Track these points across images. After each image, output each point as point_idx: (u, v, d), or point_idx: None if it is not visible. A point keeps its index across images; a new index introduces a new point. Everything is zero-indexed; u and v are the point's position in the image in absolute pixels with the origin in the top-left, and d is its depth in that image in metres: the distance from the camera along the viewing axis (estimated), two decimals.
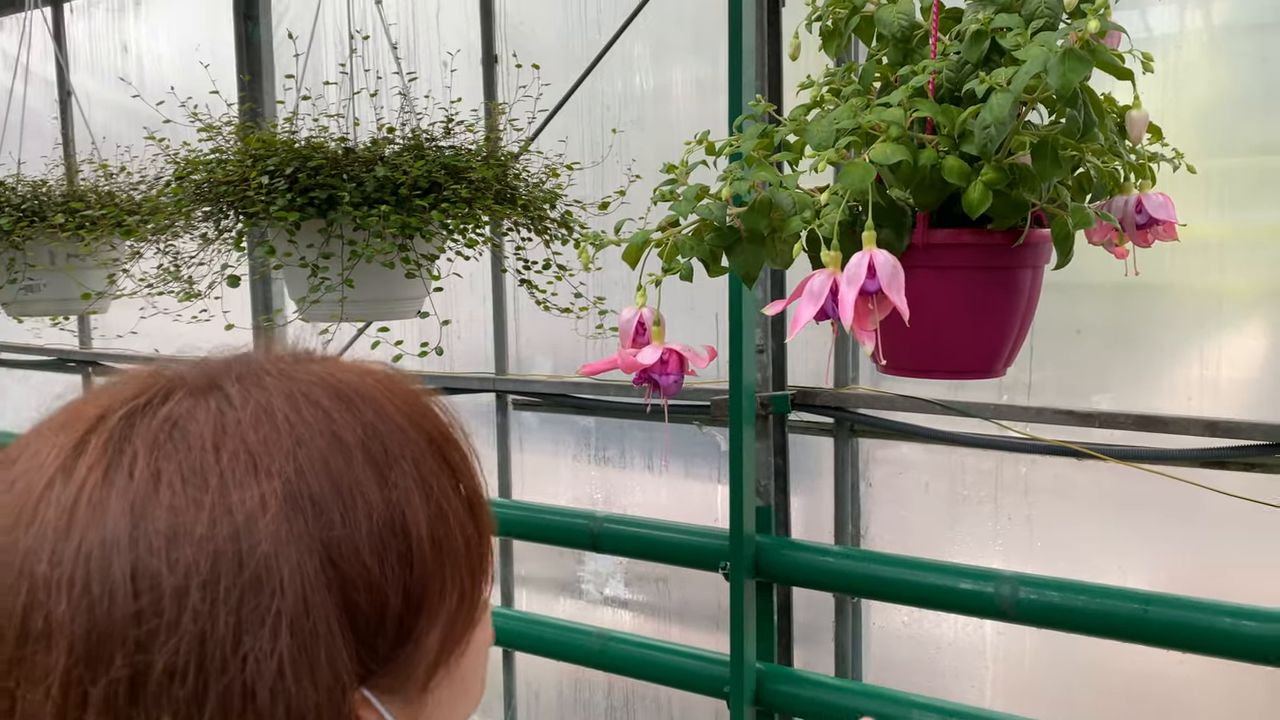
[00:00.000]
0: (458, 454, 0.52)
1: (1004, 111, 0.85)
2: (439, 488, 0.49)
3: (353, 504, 0.46)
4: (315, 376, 0.50)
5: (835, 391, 2.16)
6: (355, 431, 0.47)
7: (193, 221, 1.37)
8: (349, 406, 0.49)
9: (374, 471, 0.47)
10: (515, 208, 1.43)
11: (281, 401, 0.47)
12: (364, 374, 0.51)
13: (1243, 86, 1.82)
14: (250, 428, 0.45)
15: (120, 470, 0.43)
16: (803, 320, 0.91)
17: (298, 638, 0.42)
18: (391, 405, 0.50)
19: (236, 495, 0.43)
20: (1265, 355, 1.85)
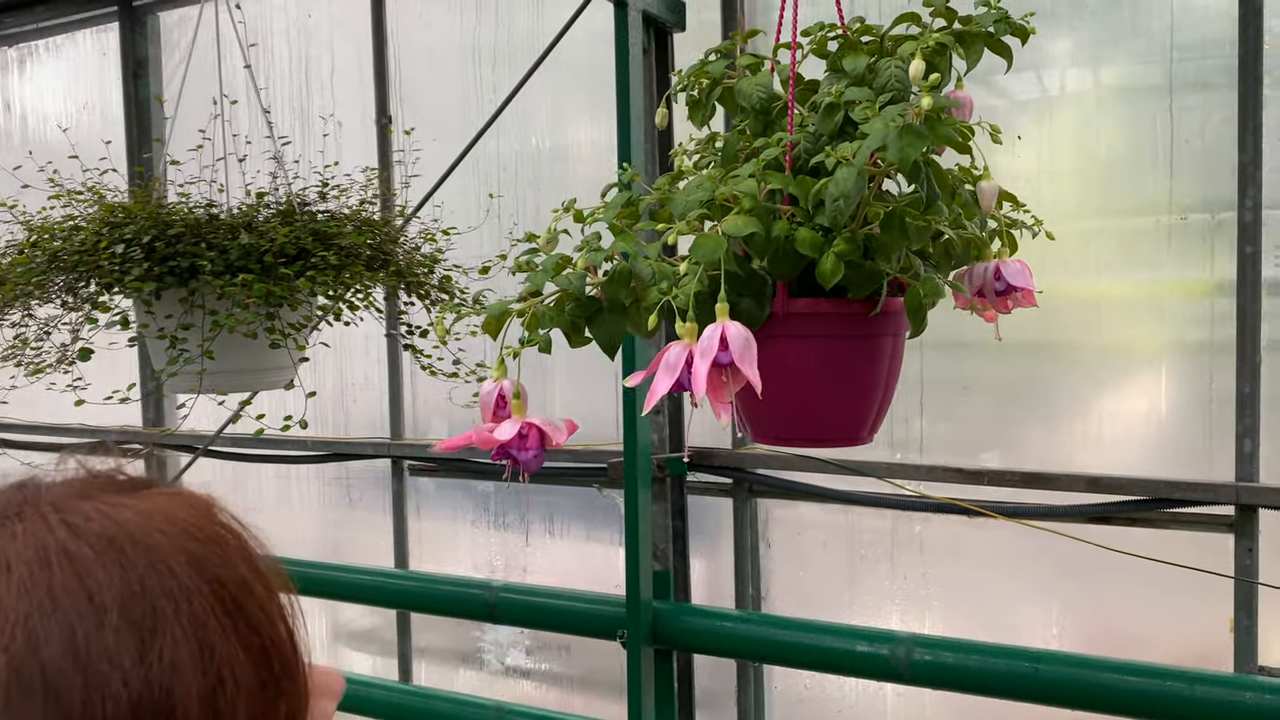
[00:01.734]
0: (261, 605, 0.45)
1: (849, 185, 0.86)
2: (224, 652, 0.42)
3: (99, 683, 0.39)
4: (87, 516, 0.43)
5: (733, 452, 2.15)
6: (114, 590, 0.41)
7: (48, 291, 1.31)
8: (117, 558, 0.42)
9: (133, 639, 0.40)
10: (389, 274, 1.40)
11: (30, 555, 0.41)
12: (155, 513, 0.45)
13: (1126, 147, 1.88)
14: None
15: None
16: (658, 393, 0.89)
17: None
18: (177, 552, 0.43)
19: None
20: (1145, 412, 1.89)
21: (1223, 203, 1.78)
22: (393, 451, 2.53)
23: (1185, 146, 1.81)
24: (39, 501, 0.44)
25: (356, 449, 2.57)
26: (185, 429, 2.83)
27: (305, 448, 2.61)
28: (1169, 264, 1.84)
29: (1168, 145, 1.82)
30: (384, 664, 2.68)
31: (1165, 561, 1.77)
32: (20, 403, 2.59)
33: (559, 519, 2.47)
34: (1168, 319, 1.85)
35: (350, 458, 2.59)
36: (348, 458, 2.59)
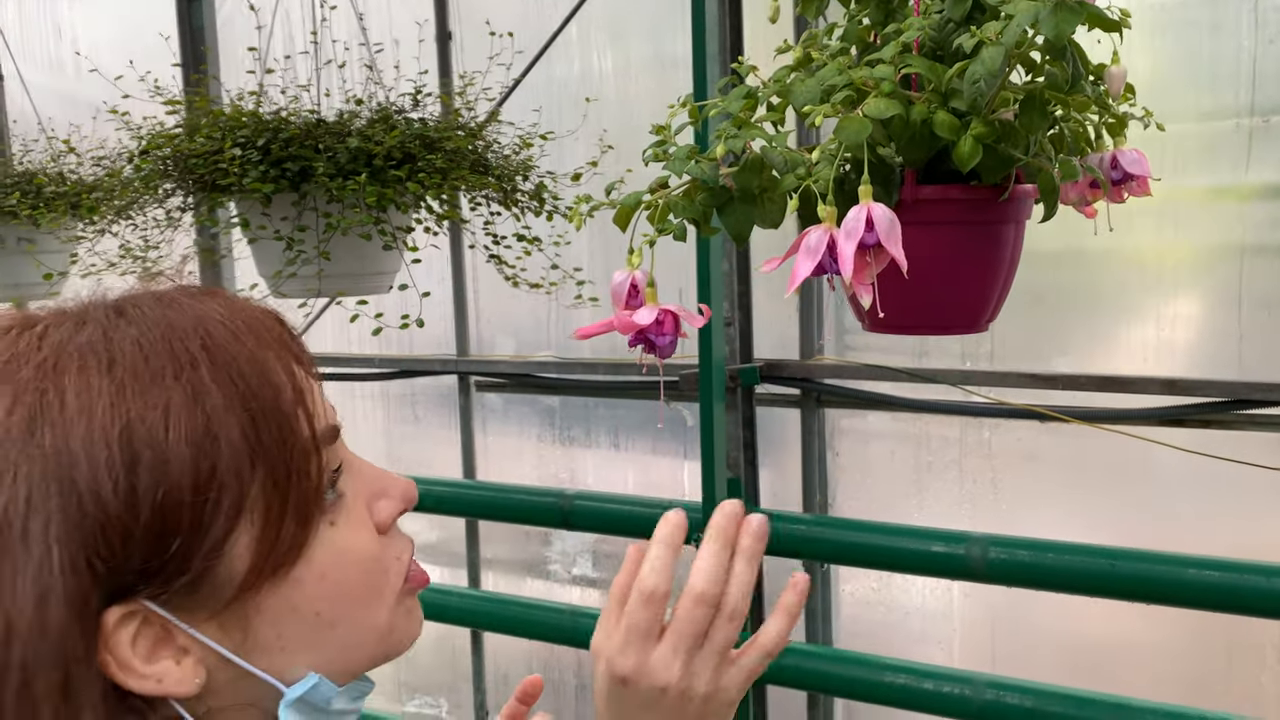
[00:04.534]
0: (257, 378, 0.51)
1: (996, 64, 0.87)
2: (213, 405, 0.48)
3: (89, 416, 0.46)
4: (124, 295, 0.52)
5: (802, 363, 2.18)
6: (122, 347, 0.48)
7: (156, 197, 1.33)
8: (121, 317, 0.49)
9: (109, 384, 0.47)
10: (489, 178, 1.42)
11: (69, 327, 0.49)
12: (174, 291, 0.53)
13: (1189, 53, 1.87)
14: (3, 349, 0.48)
15: None
16: (800, 276, 0.92)
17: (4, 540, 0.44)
18: (177, 315, 0.50)
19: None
20: (1221, 315, 1.90)
21: None
22: (459, 367, 2.58)
23: (1270, 47, 1.79)
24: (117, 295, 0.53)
25: (424, 365, 2.61)
26: None
27: (372, 365, 2.66)
28: (1248, 167, 1.83)
29: (1251, 47, 1.81)
30: (453, 574, 2.75)
31: (1242, 462, 1.80)
32: None
33: (624, 434, 2.52)
34: (1246, 222, 1.85)
35: (417, 374, 2.64)
36: (415, 374, 2.64)
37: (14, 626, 0.44)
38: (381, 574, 0.56)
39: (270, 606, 0.51)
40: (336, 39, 1.49)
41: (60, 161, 1.88)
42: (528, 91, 2.33)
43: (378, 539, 0.56)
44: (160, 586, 0.48)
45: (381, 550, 0.56)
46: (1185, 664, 1.99)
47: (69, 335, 0.49)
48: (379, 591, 0.56)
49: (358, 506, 0.56)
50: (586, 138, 2.38)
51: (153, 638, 0.49)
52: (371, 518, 0.57)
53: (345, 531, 0.54)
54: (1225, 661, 1.94)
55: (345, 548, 0.54)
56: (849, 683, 1.96)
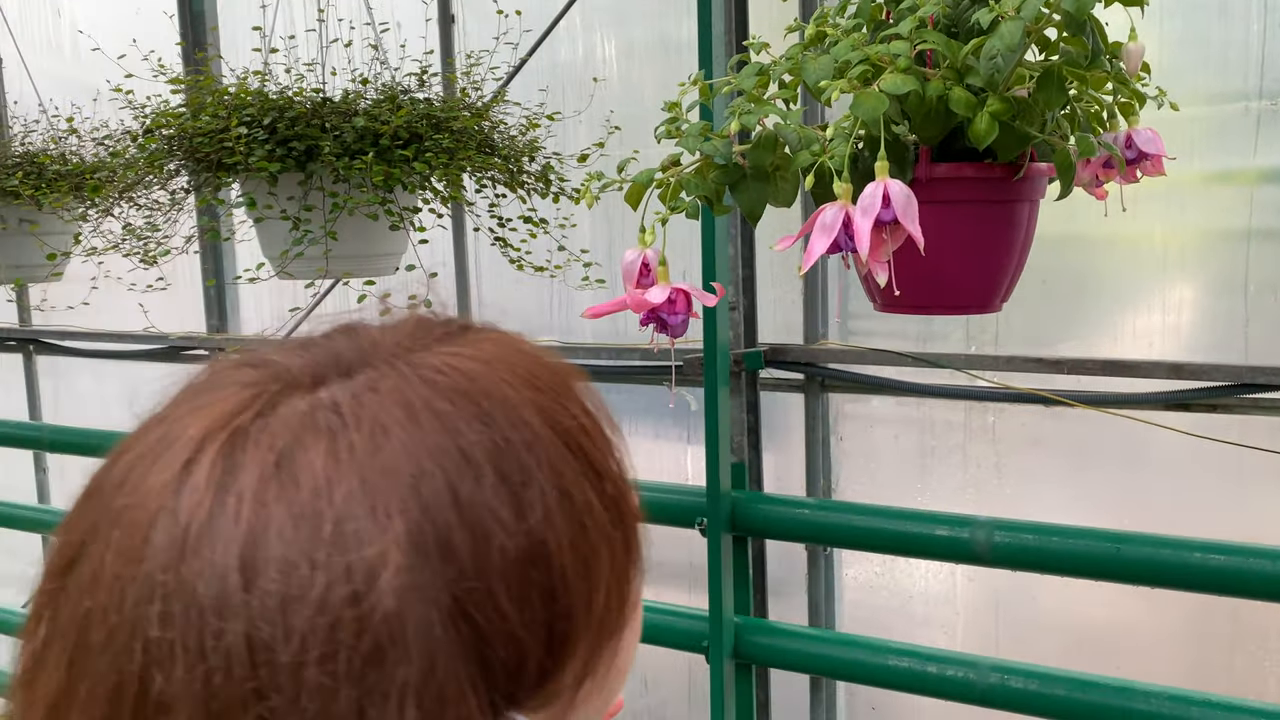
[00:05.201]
0: (599, 447, 0.45)
1: (1014, 39, 0.86)
2: (581, 499, 0.42)
3: (485, 540, 0.39)
4: (435, 368, 0.42)
5: (806, 347, 2.18)
6: (484, 444, 0.40)
7: (161, 178, 1.32)
8: (476, 411, 0.41)
9: (508, 494, 0.40)
10: (495, 158, 1.41)
11: (399, 414, 0.40)
12: (495, 362, 0.44)
13: (1197, 36, 1.86)
14: (366, 457, 0.38)
15: (225, 514, 0.37)
16: (816, 253, 0.91)
17: (425, 707, 0.37)
18: (525, 404, 0.43)
19: (355, 550, 0.37)
20: (1222, 300, 1.90)
21: None
22: None
23: (1279, 29, 1.78)
24: (379, 351, 0.43)
25: None
26: (247, 333, 2.87)
27: None
28: (1256, 151, 1.83)
29: (1260, 30, 1.80)
30: None
31: (1247, 446, 1.80)
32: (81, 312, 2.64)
33: (628, 419, 2.51)
34: (1253, 205, 1.85)
35: None
36: None
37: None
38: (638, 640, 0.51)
39: (589, 688, 0.45)
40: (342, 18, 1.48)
41: (63, 143, 1.87)
42: (531, 76, 2.31)
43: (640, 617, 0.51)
44: (528, 698, 0.41)
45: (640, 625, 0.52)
46: (1189, 647, 1.99)
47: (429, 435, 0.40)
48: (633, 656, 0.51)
49: None
50: (590, 122, 2.37)
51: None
52: None
53: (638, 602, 0.49)
54: (1229, 645, 1.95)
55: (636, 622, 0.49)
56: (852, 666, 1.96)
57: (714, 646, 2.02)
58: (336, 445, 0.39)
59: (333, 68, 1.40)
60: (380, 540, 0.37)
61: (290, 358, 0.43)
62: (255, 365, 0.43)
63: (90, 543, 0.39)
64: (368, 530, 0.37)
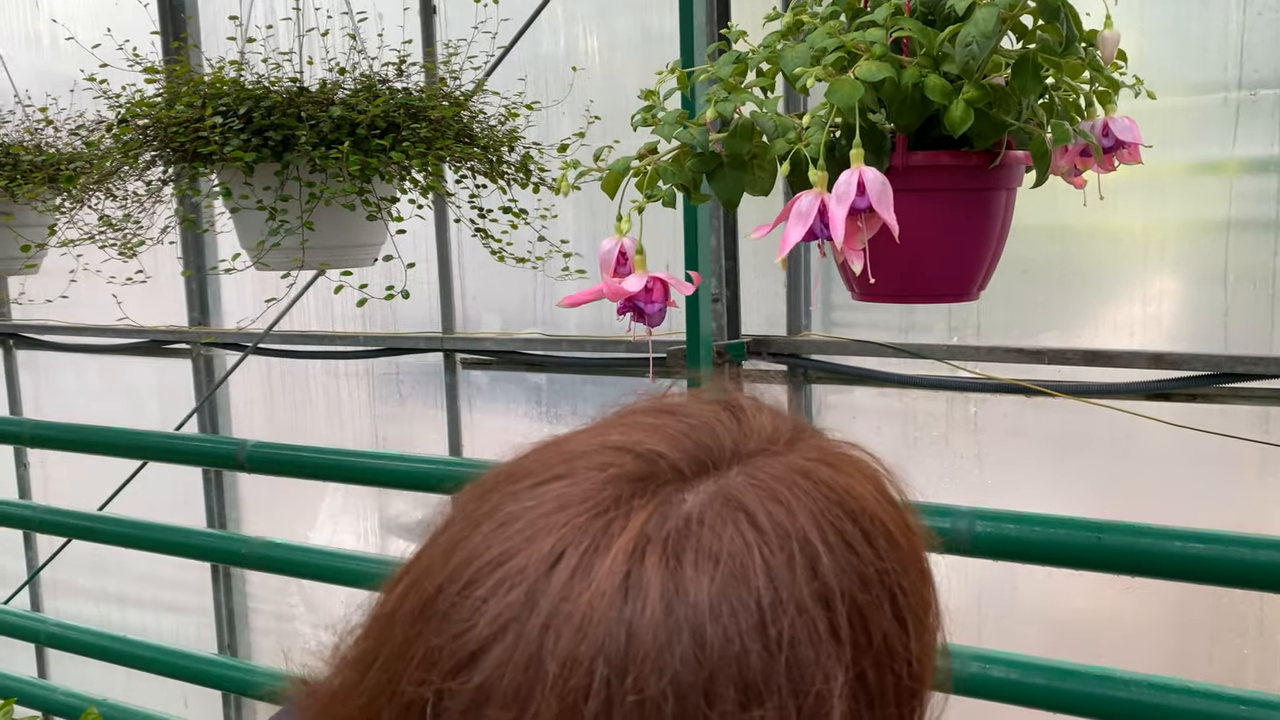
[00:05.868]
0: (922, 607, 0.45)
1: (989, 25, 0.86)
2: (930, 619, 0.44)
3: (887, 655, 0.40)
4: (820, 486, 0.43)
5: (789, 338, 2.18)
6: (874, 566, 0.41)
7: (137, 168, 1.31)
8: (863, 534, 0.42)
9: (893, 613, 0.41)
10: (475, 148, 1.40)
11: (809, 525, 0.40)
12: (854, 475, 0.45)
13: (1177, 26, 1.86)
14: (783, 564, 0.39)
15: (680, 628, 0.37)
16: (791, 241, 0.91)
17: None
18: (888, 518, 0.44)
19: (804, 681, 0.37)
20: (1202, 290, 1.91)
21: None
22: (445, 345, 2.56)
23: (1258, 20, 1.79)
24: (756, 455, 0.44)
25: (409, 343, 2.59)
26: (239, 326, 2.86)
27: (357, 343, 2.64)
28: (1235, 141, 1.83)
29: (1239, 20, 1.80)
30: None
31: (1225, 434, 1.80)
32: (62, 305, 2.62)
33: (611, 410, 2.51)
34: (1233, 196, 1.86)
35: (402, 352, 2.62)
36: (400, 352, 2.62)
37: None
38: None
39: None
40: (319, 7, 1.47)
41: (39, 135, 1.86)
42: (513, 68, 2.30)
43: None
44: None
45: None
46: (1169, 635, 2.00)
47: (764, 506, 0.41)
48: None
49: None
50: (573, 113, 2.36)
51: None
52: None
53: None
54: (1209, 633, 1.96)
55: None
56: None
57: None
58: (747, 543, 0.39)
59: (310, 57, 1.39)
60: (828, 668, 0.38)
61: (668, 443, 0.42)
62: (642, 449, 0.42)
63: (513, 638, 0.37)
64: (812, 659, 0.38)
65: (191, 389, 3.04)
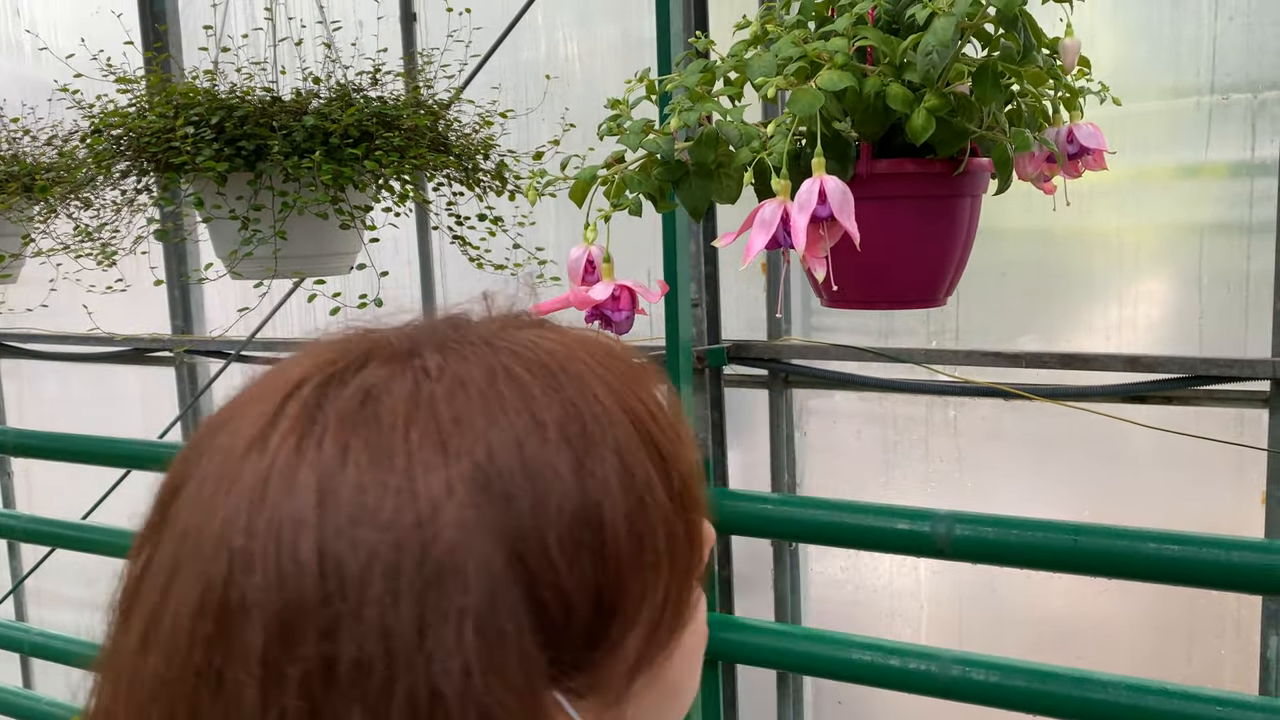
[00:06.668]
0: (669, 437, 0.46)
1: (948, 35, 0.87)
2: (643, 477, 0.44)
3: (544, 493, 0.42)
4: (521, 345, 0.46)
5: (769, 343, 2.18)
6: (554, 410, 0.43)
7: (111, 177, 1.31)
8: (551, 382, 0.44)
9: (570, 455, 0.43)
10: (449, 156, 1.41)
11: (480, 374, 0.44)
12: (574, 344, 0.48)
13: (1151, 30, 1.88)
14: (444, 403, 0.42)
15: (311, 442, 0.41)
16: (755, 249, 0.92)
17: (484, 636, 0.39)
18: (598, 382, 0.46)
19: (422, 479, 0.40)
20: (1177, 294, 1.92)
21: (1266, 82, 1.78)
22: None
23: (1229, 24, 1.80)
24: (469, 330, 0.47)
25: None
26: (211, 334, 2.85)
27: None
28: (1208, 145, 1.85)
29: (1211, 23, 1.82)
30: None
31: (1201, 436, 1.82)
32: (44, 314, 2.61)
33: None
34: (1207, 200, 1.87)
35: None
36: None
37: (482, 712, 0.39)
38: (701, 654, 0.52)
39: (643, 683, 0.46)
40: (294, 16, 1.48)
41: (16, 144, 1.86)
42: (493, 75, 2.31)
43: (702, 624, 0.51)
44: (582, 677, 0.43)
45: (703, 633, 0.52)
46: (1147, 637, 2.01)
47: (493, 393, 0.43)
48: (702, 655, 0.52)
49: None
50: (553, 120, 2.37)
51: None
52: None
53: (699, 602, 0.50)
54: (1186, 634, 1.97)
55: (700, 619, 0.50)
56: (815, 660, 1.97)
57: None
58: (419, 393, 0.42)
59: (283, 67, 1.40)
60: (446, 475, 0.40)
61: (393, 330, 0.47)
62: (359, 334, 0.47)
63: (191, 475, 0.43)
64: (436, 465, 0.40)
65: (175, 397, 3.03)
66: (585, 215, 1.04)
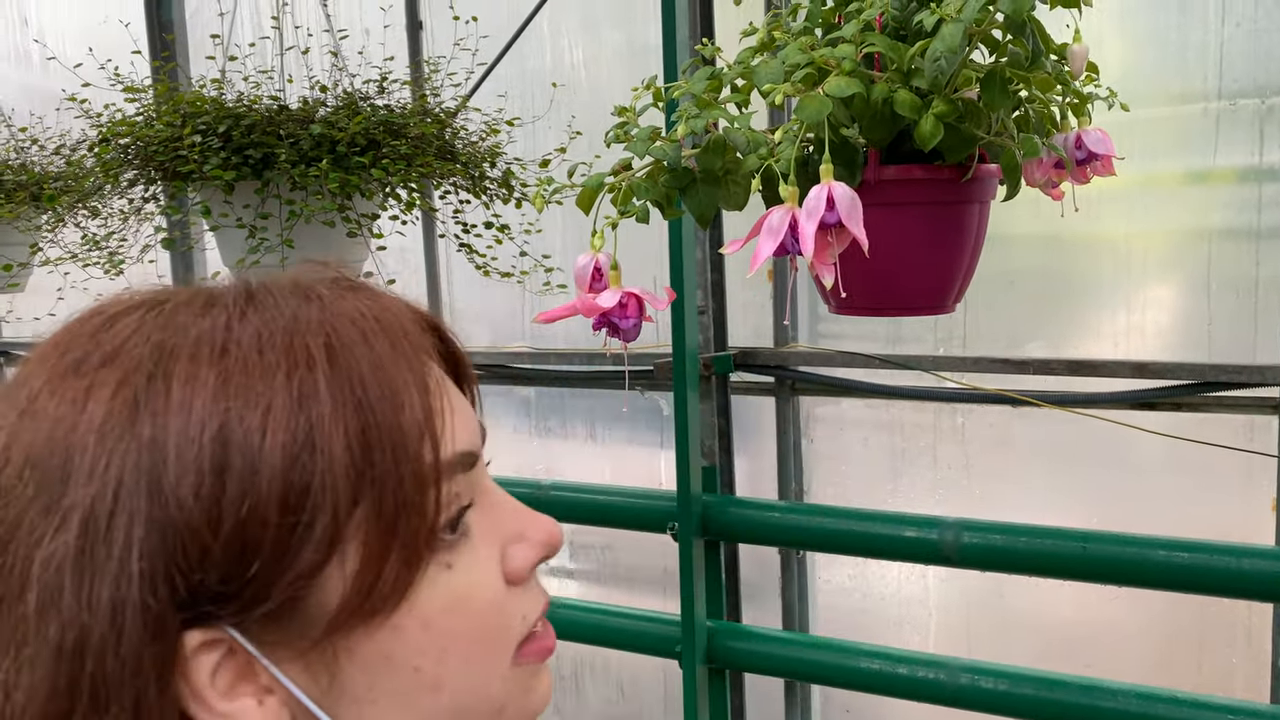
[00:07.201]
0: (380, 380, 0.44)
1: (955, 41, 0.86)
2: (320, 410, 0.42)
3: (188, 410, 0.41)
4: (262, 282, 0.47)
5: (775, 350, 2.18)
6: (240, 337, 0.43)
7: (119, 186, 1.31)
8: (251, 304, 0.45)
9: (218, 370, 0.42)
10: (456, 164, 1.41)
11: (143, 302, 0.46)
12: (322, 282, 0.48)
13: (1158, 36, 1.87)
14: (126, 326, 0.44)
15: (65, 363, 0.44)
16: (763, 256, 0.91)
17: (87, 537, 0.40)
18: (309, 308, 0.45)
19: (78, 382, 0.43)
20: (1190, 299, 1.91)
21: (1273, 87, 1.78)
22: None
23: (1236, 30, 1.80)
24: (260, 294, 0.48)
25: None
26: None
27: None
28: (1216, 151, 1.84)
29: (1218, 29, 1.81)
30: None
31: (1210, 443, 1.81)
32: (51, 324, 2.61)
33: (600, 424, 2.51)
34: (1215, 205, 1.86)
35: None
36: None
37: (88, 636, 0.40)
38: (502, 631, 0.48)
39: (364, 652, 0.44)
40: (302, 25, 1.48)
41: (24, 153, 1.86)
42: (500, 83, 2.31)
43: (504, 591, 0.48)
44: (241, 614, 0.42)
45: (505, 605, 0.48)
46: (1157, 645, 2.00)
47: (192, 319, 0.44)
48: (494, 653, 0.48)
49: (486, 549, 0.48)
50: (560, 127, 2.37)
51: (235, 672, 0.43)
52: (502, 565, 0.49)
53: (464, 576, 0.46)
54: (1196, 642, 1.96)
55: (460, 596, 0.46)
56: (823, 669, 1.96)
57: (686, 652, 2.02)
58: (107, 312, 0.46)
59: (290, 75, 1.40)
60: (94, 381, 0.43)
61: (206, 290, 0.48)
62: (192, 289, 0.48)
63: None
64: (93, 372, 0.43)
65: None
66: (592, 223, 1.03)
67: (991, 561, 1.80)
